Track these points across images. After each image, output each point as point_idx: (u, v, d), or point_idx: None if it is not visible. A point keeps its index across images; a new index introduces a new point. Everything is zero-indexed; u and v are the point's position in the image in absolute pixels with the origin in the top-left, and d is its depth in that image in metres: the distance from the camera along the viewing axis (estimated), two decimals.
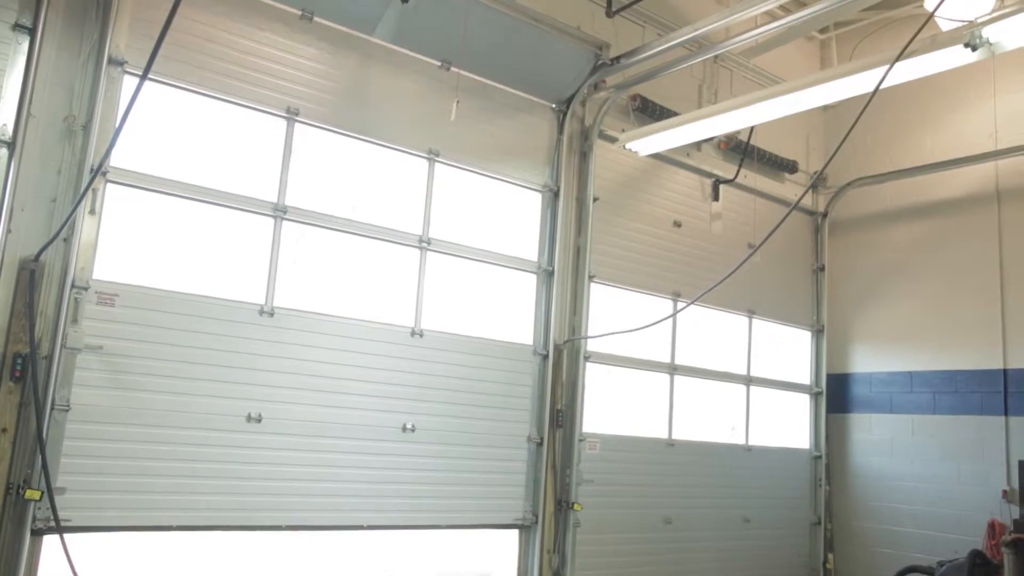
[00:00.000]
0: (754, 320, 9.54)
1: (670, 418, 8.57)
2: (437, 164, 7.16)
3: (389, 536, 6.72)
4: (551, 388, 7.55)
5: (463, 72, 7.16)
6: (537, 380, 7.57)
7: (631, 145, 7.90)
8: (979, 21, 5.46)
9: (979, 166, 8.97)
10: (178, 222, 5.86)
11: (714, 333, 9.16)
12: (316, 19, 6.52)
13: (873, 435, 9.64)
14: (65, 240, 5.29)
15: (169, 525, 5.61)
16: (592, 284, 8.01)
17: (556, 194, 7.83)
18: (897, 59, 5.40)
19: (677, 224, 8.88)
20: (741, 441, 9.23)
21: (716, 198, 9.24)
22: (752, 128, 9.04)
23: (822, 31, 10.54)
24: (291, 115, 6.37)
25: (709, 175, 9.24)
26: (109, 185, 5.56)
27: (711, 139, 9.00)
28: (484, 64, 7.31)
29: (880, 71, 5.66)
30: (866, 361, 9.89)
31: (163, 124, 5.85)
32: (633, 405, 8.38)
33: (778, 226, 6.17)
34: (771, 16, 7.75)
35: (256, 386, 6.00)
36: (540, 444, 7.45)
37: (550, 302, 7.66)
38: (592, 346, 7.93)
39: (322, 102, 6.54)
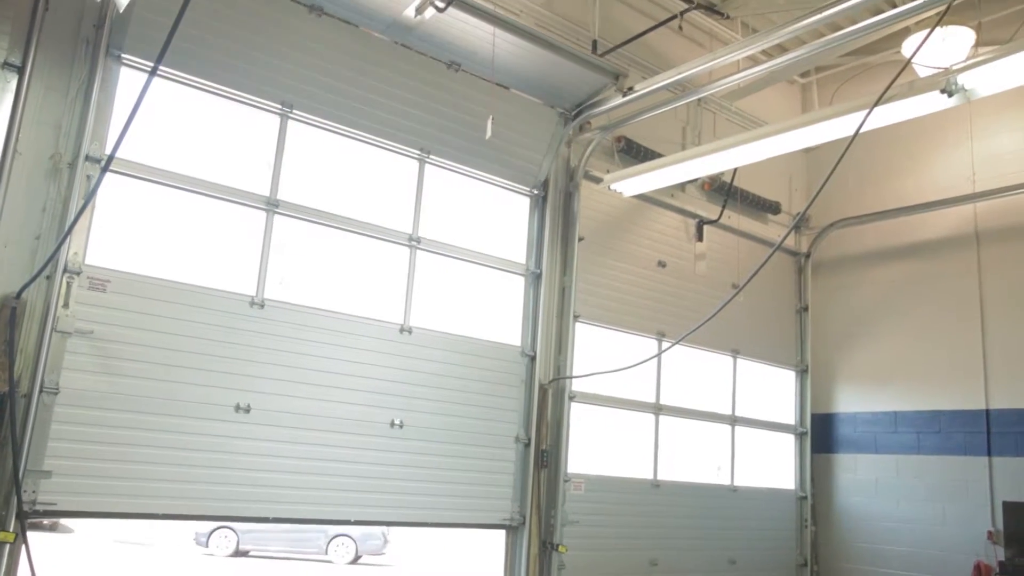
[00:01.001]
0: (739, 360, 9.57)
1: (655, 458, 8.55)
2: (427, 165, 7.30)
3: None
4: (536, 428, 7.53)
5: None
6: (525, 381, 7.65)
7: (616, 186, 7.98)
8: (954, 68, 5.58)
9: (958, 208, 9.11)
10: (171, 212, 5.97)
11: (699, 373, 9.18)
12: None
13: (858, 475, 9.63)
14: (48, 278, 5.27)
15: (155, 513, 5.62)
16: (577, 324, 8.03)
17: (544, 200, 7.95)
18: (876, 104, 5.51)
19: (662, 264, 8.94)
20: (727, 482, 9.20)
21: (700, 238, 9.32)
22: (735, 170, 9.16)
23: (803, 75, 10.74)
24: (285, 110, 6.46)
25: (693, 216, 9.33)
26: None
27: (695, 180, 9.10)
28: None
29: (860, 115, 5.77)
30: (850, 401, 9.92)
31: (158, 115, 5.90)
32: (618, 445, 8.35)
33: (761, 266, 6.22)
34: (753, 61, 7.91)
35: (245, 376, 6.05)
36: (528, 445, 7.50)
37: (538, 304, 7.79)
38: (577, 386, 7.92)
39: (317, 98, 6.60)
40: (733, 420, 9.40)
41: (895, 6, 6.94)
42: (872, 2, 5.91)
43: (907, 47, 7.75)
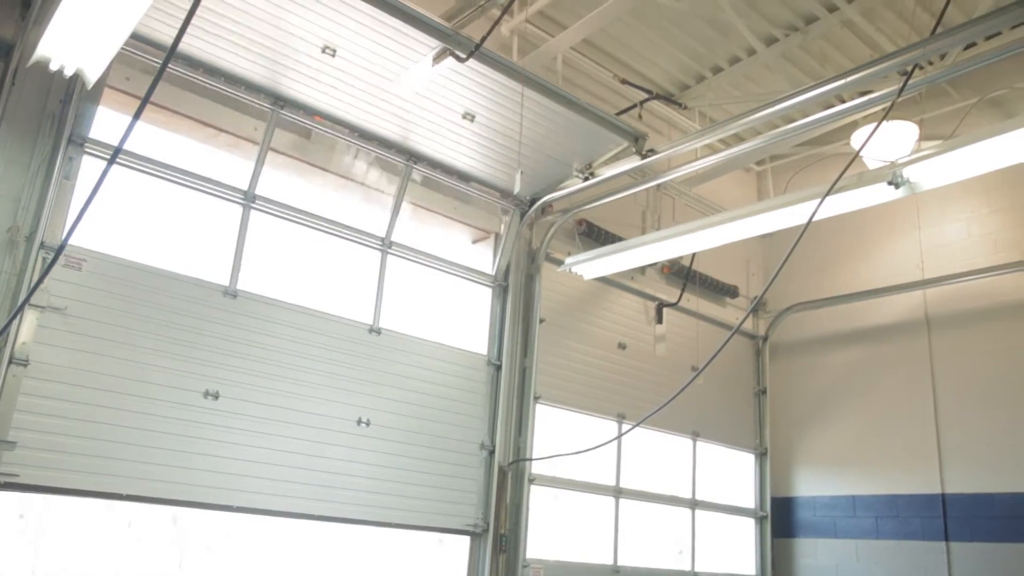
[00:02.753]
0: (698, 442, 9.57)
1: (615, 543, 8.42)
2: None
3: (336, 530, 6.63)
4: (495, 512, 7.42)
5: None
6: (491, 390, 7.74)
7: (577, 268, 8.09)
8: (900, 162, 5.81)
9: (908, 294, 9.35)
10: (151, 199, 6.07)
11: (659, 455, 9.15)
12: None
13: (819, 561, 9.57)
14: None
15: (119, 493, 5.50)
16: (538, 405, 8.00)
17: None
18: (827, 194, 5.69)
19: (622, 346, 9.00)
20: (687, 567, 9.08)
21: (660, 321, 9.42)
22: (694, 254, 9.34)
23: (759, 163, 11.09)
24: (276, 107, 6.55)
25: (653, 298, 9.45)
26: (86, 157, 5.74)
27: (655, 264, 9.25)
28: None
29: (813, 204, 5.95)
30: (809, 484, 9.93)
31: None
32: (578, 529, 8.23)
33: (720, 349, 6.29)
34: (711, 149, 8.15)
35: (215, 364, 6.08)
36: (492, 453, 7.54)
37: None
38: (537, 468, 7.84)
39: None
40: (693, 504, 9.34)
41: (844, 101, 7.27)
42: (823, 97, 6.15)
43: (856, 139, 8.07)
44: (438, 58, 6.07)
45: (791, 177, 10.41)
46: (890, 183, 5.83)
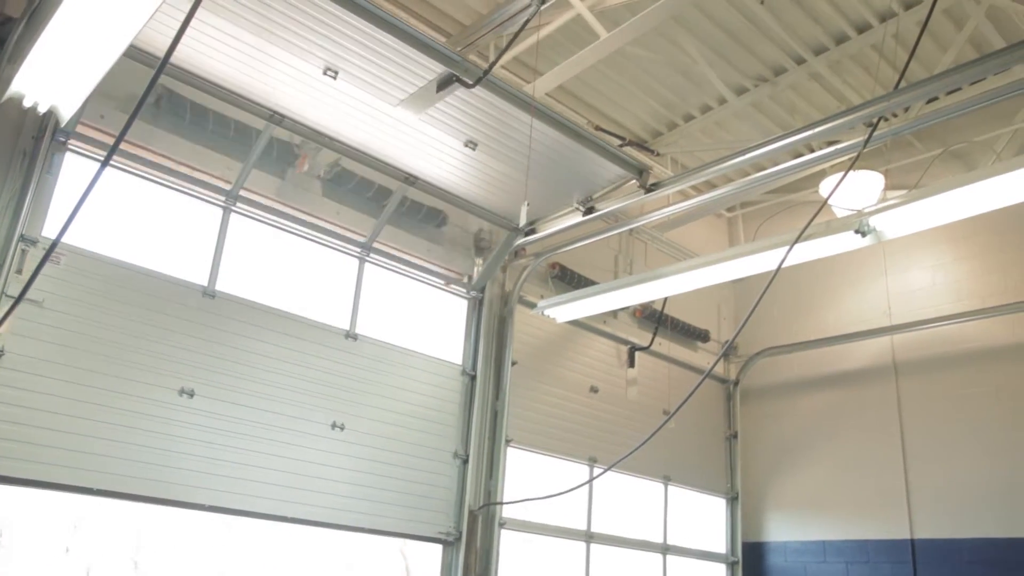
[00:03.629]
0: (670, 487, 9.55)
1: None
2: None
3: (309, 533, 6.60)
4: (464, 556, 7.34)
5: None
6: (465, 399, 7.81)
7: (549, 312, 8.11)
8: (866, 211, 5.94)
9: (876, 340, 9.47)
10: (132, 197, 6.12)
11: (631, 500, 9.11)
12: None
13: None
14: None
15: (89, 487, 5.46)
16: (509, 448, 7.96)
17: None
18: (795, 242, 5.79)
19: (594, 390, 9.00)
20: None
21: (632, 364, 9.46)
22: (665, 298, 9.41)
23: (730, 210, 11.25)
24: (274, 122, 6.47)
25: (625, 342, 9.49)
26: (68, 153, 5.78)
27: (627, 307, 9.31)
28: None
29: (782, 251, 6.04)
30: (780, 530, 9.93)
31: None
32: (549, 574, 8.14)
33: (692, 393, 6.32)
34: (683, 195, 8.26)
35: (192, 364, 6.10)
36: (466, 462, 7.56)
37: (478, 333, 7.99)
38: (508, 512, 7.77)
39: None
40: (665, 549, 9.29)
41: (812, 151, 7.42)
42: (792, 146, 6.29)
43: (824, 188, 8.24)
44: (443, 84, 5.85)
45: (761, 223, 10.57)
46: (857, 231, 5.94)
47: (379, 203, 7.45)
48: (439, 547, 7.41)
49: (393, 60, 5.72)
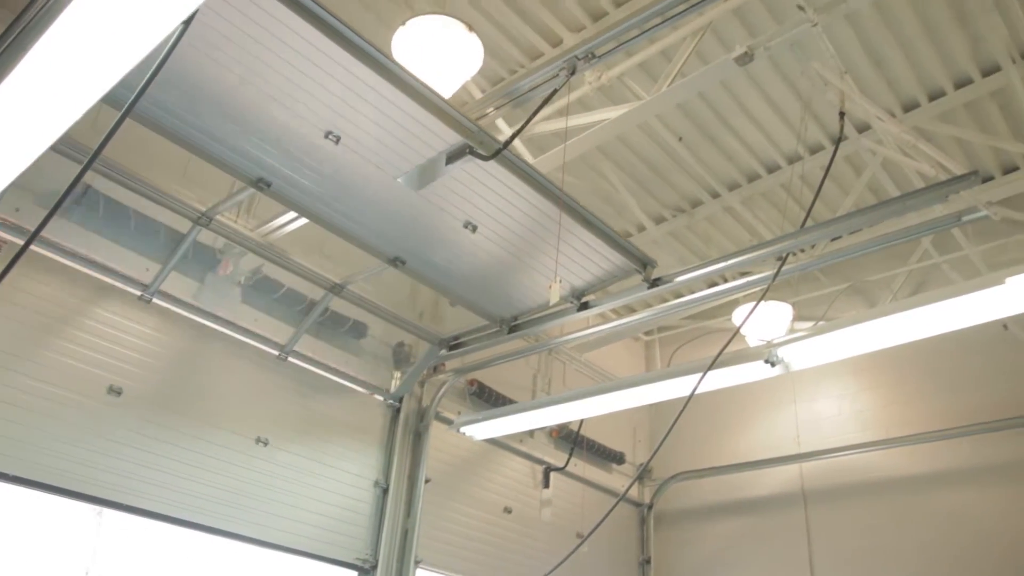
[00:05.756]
0: None
1: None
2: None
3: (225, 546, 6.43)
4: None
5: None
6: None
7: (466, 430, 8.02)
8: (776, 342, 6.15)
9: (786, 467, 9.64)
10: None
11: None
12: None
13: None
14: None
15: (5, 473, 5.35)
16: (418, 569, 7.68)
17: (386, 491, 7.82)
18: (708, 369, 5.94)
19: (508, 510, 8.84)
20: None
21: (547, 485, 9.36)
22: (582, 419, 9.43)
23: (647, 333, 11.51)
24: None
25: (540, 462, 9.42)
26: None
27: (544, 427, 9.29)
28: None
29: (696, 377, 6.18)
30: None
31: None
32: None
33: (605, 516, 6.28)
34: (603, 318, 8.43)
35: (121, 362, 6.09)
36: (386, 491, 7.56)
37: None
38: None
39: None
40: None
41: (726, 280, 7.72)
42: (707, 275, 6.52)
43: (737, 316, 8.53)
44: (454, 155, 5.19)
45: (678, 348, 10.82)
46: (766, 361, 6.12)
47: (299, 310, 7.36)
48: None
49: (404, 127, 5.05)
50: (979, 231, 8.29)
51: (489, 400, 8.69)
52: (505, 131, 7.03)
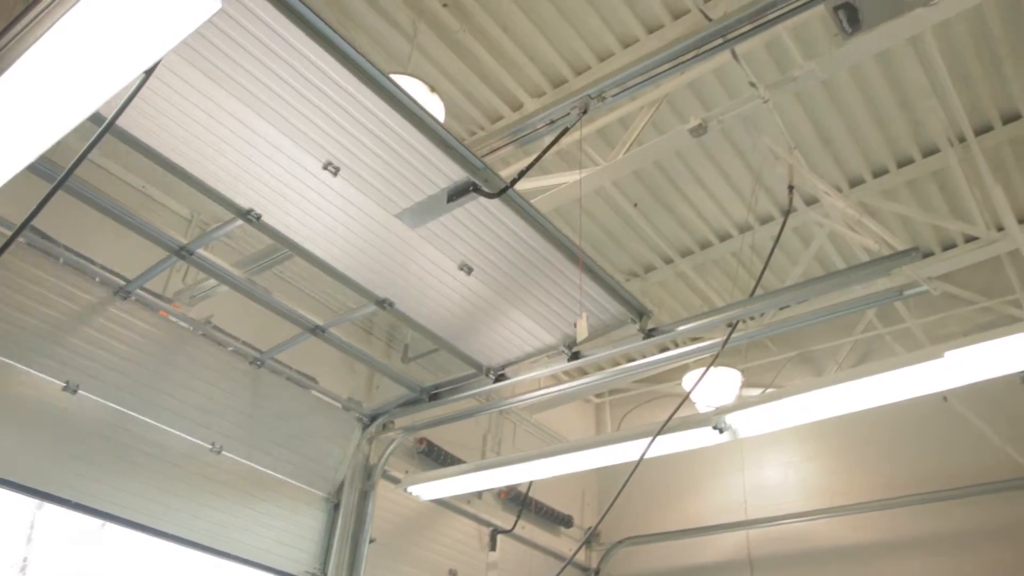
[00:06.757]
0: None
1: None
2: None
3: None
4: None
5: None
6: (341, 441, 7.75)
7: (412, 489, 7.89)
8: (724, 409, 6.21)
9: (733, 533, 9.64)
10: None
11: None
12: None
13: None
14: None
15: None
16: None
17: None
18: (657, 434, 5.97)
19: (453, 573, 8.67)
20: None
21: (493, 548, 9.21)
22: (531, 481, 9.36)
23: (598, 396, 11.53)
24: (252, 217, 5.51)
25: (488, 524, 9.28)
26: None
27: (492, 488, 9.19)
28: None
29: (645, 441, 6.20)
30: None
31: None
32: None
33: None
34: (555, 379, 8.42)
35: (78, 355, 5.97)
36: (337, 507, 7.52)
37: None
38: None
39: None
40: None
41: (677, 346, 7.80)
42: (658, 340, 6.58)
43: (687, 381, 8.61)
44: (457, 192, 4.97)
45: (628, 412, 10.85)
46: (715, 428, 6.17)
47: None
48: None
49: (408, 161, 4.83)
50: (920, 304, 8.54)
51: (438, 459, 8.59)
52: None
